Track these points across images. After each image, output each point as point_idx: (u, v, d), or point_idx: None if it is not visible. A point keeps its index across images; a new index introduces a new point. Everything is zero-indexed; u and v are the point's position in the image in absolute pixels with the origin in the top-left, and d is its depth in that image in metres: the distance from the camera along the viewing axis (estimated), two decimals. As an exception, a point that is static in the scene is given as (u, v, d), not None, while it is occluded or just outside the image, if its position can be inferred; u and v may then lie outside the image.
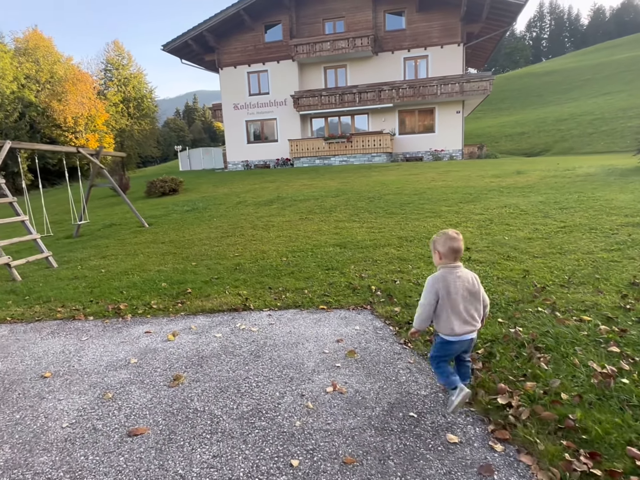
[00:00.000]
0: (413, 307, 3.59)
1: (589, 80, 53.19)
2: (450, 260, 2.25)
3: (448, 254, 2.25)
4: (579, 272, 4.01)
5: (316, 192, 11.04)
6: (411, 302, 3.68)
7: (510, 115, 48.01)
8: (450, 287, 2.20)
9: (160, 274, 5.41)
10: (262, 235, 7.08)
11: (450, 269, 2.24)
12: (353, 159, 22.68)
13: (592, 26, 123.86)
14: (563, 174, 11.23)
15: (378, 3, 23.23)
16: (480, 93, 22.25)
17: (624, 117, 32.81)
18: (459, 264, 2.27)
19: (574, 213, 6.40)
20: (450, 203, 8.17)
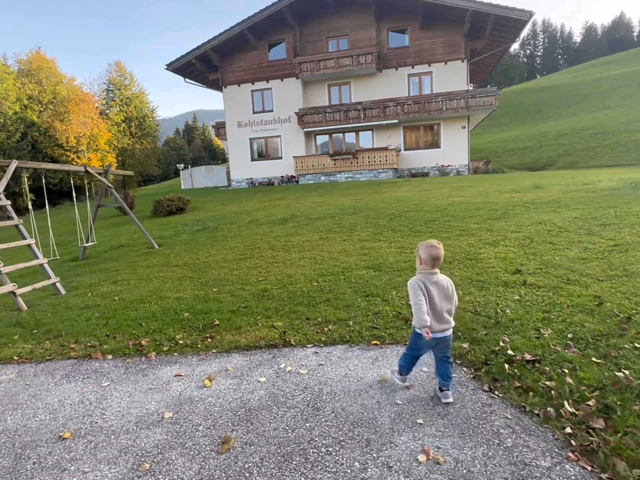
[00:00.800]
0: (483, 342, 3.13)
1: (587, 96, 53.66)
2: (429, 267, 2.53)
3: (427, 260, 2.52)
4: (658, 298, 3.57)
5: (331, 210, 10.65)
6: (479, 337, 3.22)
7: (510, 131, 48.20)
8: (428, 292, 2.48)
9: (180, 302, 4.95)
10: (283, 257, 6.63)
11: (427, 275, 2.53)
12: (359, 175, 22.42)
13: (584, 43, 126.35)
14: (584, 188, 10.88)
15: (381, 21, 23.33)
16: (486, 108, 22.16)
17: (627, 131, 32.81)
18: (437, 270, 2.55)
19: (620, 230, 5.99)
20: (478, 220, 7.77)
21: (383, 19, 23.22)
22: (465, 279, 4.62)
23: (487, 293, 4.14)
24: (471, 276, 4.68)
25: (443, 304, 2.51)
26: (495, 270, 4.79)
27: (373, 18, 23.19)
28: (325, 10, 23.42)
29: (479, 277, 4.60)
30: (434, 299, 2.47)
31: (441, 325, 2.49)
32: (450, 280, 2.61)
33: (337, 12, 23.50)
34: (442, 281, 2.54)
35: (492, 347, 3.04)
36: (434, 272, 2.53)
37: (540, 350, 2.89)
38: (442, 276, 2.58)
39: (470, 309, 3.79)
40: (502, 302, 3.87)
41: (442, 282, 2.53)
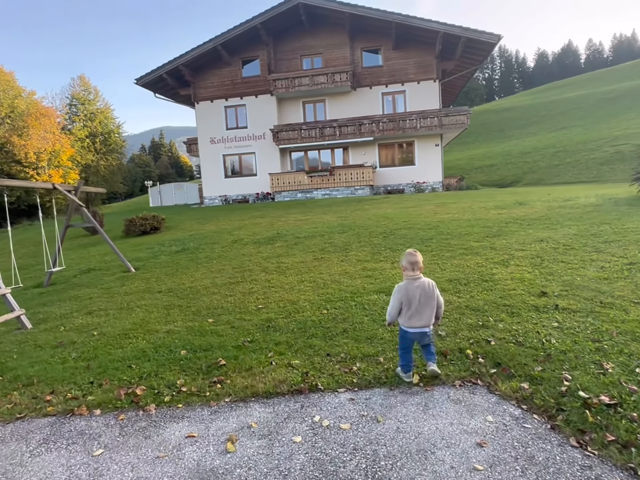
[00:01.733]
0: (544, 381, 2.76)
1: (545, 116, 56.56)
2: (410, 271, 2.94)
3: (407, 265, 2.95)
4: None
5: (318, 228, 10.23)
6: (536, 374, 2.84)
7: (476, 149, 49.90)
8: (410, 294, 2.91)
9: (172, 336, 4.34)
10: (280, 281, 6.12)
11: (411, 280, 2.94)
12: (336, 192, 22.23)
13: (537, 68, 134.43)
14: (566, 204, 11.01)
15: (355, 41, 23.60)
16: (458, 127, 22.64)
17: (585, 150, 34.51)
18: (419, 274, 2.95)
19: (626, 247, 5.88)
20: (476, 237, 7.56)
21: (357, 38, 23.49)
22: (491, 303, 4.28)
23: (521, 319, 3.81)
24: (495, 300, 4.35)
25: (425, 304, 2.90)
26: (518, 293, 4.49)
27: (347, 37, 23.42)
28: (300, 29, 23.46)
29: (505, 301, 4.27)
30: (415, 300, 2.90)
31: (420, 322, 2.91)
32: (432, 282, 2.98)
33: (311, 31, 23.60)
34: (424, 283, 2.93)
35: (557, 386, 2.67)
36: (416, 277, 2.94)
37: (615, 391, 2.54)
38: (424, 279, 2.96)
39: (511, 340, 3.42)
40: (542, 330, 3.54)
41: (424, 285, 2.92)
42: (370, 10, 21.39)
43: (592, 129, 41.83)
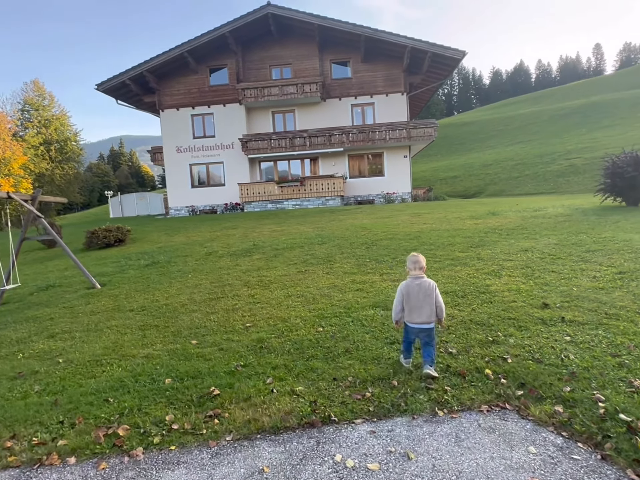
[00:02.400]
0: (578, 403, 2.57)
1: (502, 131, 59.14)
2: (412, 271, 3.26)
3: (410, 265, 3.28)
4: None
5: (296, 239, 9.91)
6: (566, 395, 2.66)
7: (439, 161, 51.34)
8: (410, 292, 3.21)
9: (152, 362, 3.88)
10: (265, 296, 5.75)
11: (413, 279, 3.24)
12: (307, 202, 22.01)
13: (492, 85, 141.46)
14: (537, 214, 11.28)
15: (324, 52, 23.69)
16: (426, 139, 23.12)
17: (542, 163, 36.19)
18: (421, 274, 3.25)
19: (610, 256, 5.95)
20: (460, 248, 7.50)
21: (326, 50, 23.59)
22: (495, 317, 4.11)
23: (531, 334, 3.65)
24: (499, 313, 4.19)
25: (424, 302, 3.18)
26: (520, 305, 4.36)
27: (316, 49, 23.48)
28: (269, 39, 23.30)
29: (509, 314, 4.12)
30: (415, 297, 3.20)
31: (420, 319, 3.18)
32: (433, 284, 3.26)
33: (280, 41, 23.49)
34: (424, 283, 3.23)
35: (593, 409, 2.49)
36: (418, 276, 3.25)
37: (656, 411, 2.38)
38: (426, 279, 3.26)
39: (528, 356, 3.24)
40: (556, 345, 3.39)
41: (424, 284, 3.22)
42: (339, 22, 21.56)
43: (547, 143, 44.06)
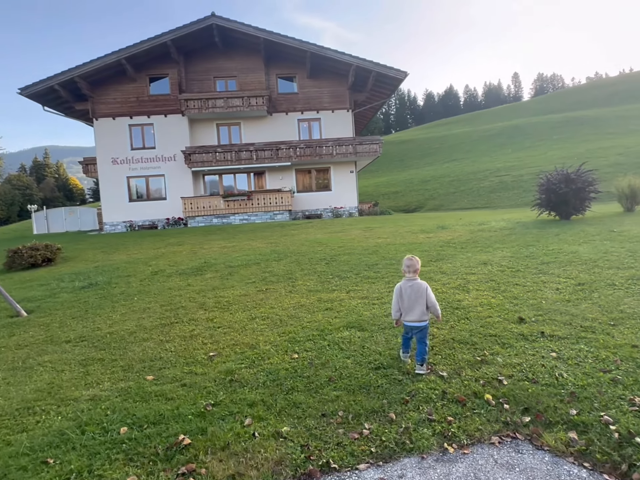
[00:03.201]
0: (590, 428, 2.44)
1: (438, 149, 62.54)
2: (407, 273, 3.53)
3: (405, 268, 3.55)
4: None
5: (250, 256, 9.43)
6: (575, 419, 2.52)
7: (380, 177, 53.02)
8: (403, 293, 3.50)
9: (100, 406, 3.27)
10: (225, 319, 5.25)
11: (407, 281, 3.52)
12: (254, 217, 21.49)
13: (426, 107, 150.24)
14: (483, 227, 11.75)
15: (270, 67, 23.58)
16: (371, 155, 23.63)
17: (475, 179, 38.53)
18: (414, 276, 3.52)
19: (564, 267, 6.19)
20: (421, 262, 7.46)
21: (272, 64, 23.50)
22: (476, 334, 4.00)
23: (517, 351, 3.56)
24: (479, 330, 4.08)
25: (415, 302, 3.44)
26: (496, 320, 4.30)
27: (262, 63, 23.31)
28: (213, 50, 22.77)
29: (489, 331, 4.03)
30: (407, 298, 3.47)
31: (410, 317, 3.46)
32: (425, 285, 3.49)
33: (225, 53, 23.04)
34: (416, 285, 3.48)
35: (606, 433, 2.37)
36: (412, 278, 3.52)
37: (669, 432, 2.31)
38: (418, 282, 3.51)
39: (522, 377, 3.12)
40: (545, 362, 3.31)
41: (415, 286, 3.48)
42: (286, 38, 21.59)
43: (478, 161, 47.16)
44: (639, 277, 5.37)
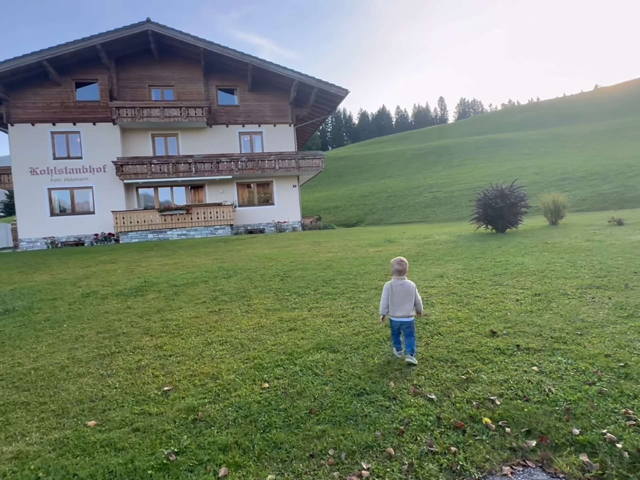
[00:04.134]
0: (599, 449, 2.33)
1: (374, 165, 64.73)
2: (396, 274, 3.84)
3: (393, 270, 3.87)
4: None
5: (195, 273, 8.77)
6: (582, 439, 2.41)
7: (320, 192, 53.60)
8: (393, 290, 3.80)
9: (28, 466, 2.62)
10: (177, 345, 4.67)
11: (397, 280, 3.83)
12: (194, 232, 20.47)
13: (360, 125, 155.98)
14: (429, 241, 12.07)
15: (209, 78, 22.95)
16: (314, 169, 23.69)
17: (410, 195, 40.24)
18: (402, 277, 3.82)
19: (516, 278, 6.39)
20: (378, 276, 7.38)
21: (212, 75, 22.89)
22: (453, 350, 3.86)
23: (499, 367, 3.46)
24: (455, 346, 3.96)
25: (404, 299, 3.75)
26: (469, 335, 4.22)
27: (201, 73, 22.64)
28: (149, 57, 21.69)
29: (465, 346, 3.92)
30: (397, 296, 3.77)
31: (399, 313, 3.75)
32: (413, 284, 3.82)
33: (162, 61, 22.06)
34: (406, 284, 3.80)
35: (615, 453, 2.27)
36: (400, 278, 3.83)
37: (674, 446, 2.26)
38: (407, 281, 3.82)
39: (512, 395, 2.99)
40: (530, 377, 3.23)
41: (405, 285, 3.79)
42: (227, 49, 21.16)
43: (412, 178, 49.44)
44: (587, 286, 5.66)
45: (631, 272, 6.15)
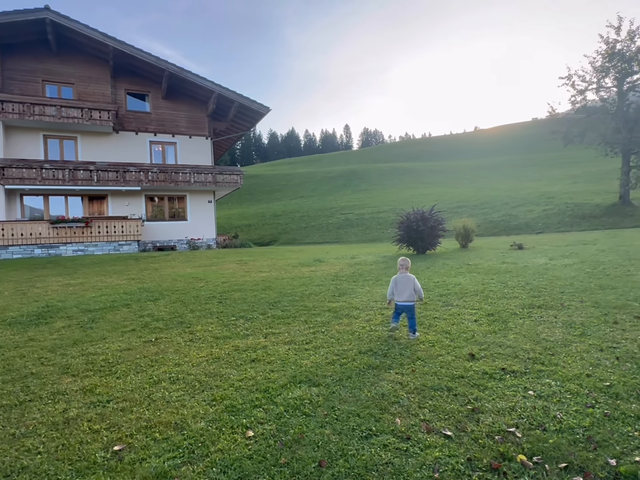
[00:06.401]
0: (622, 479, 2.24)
1: (285, 185, 65.18)
2: (401, 269, 5.02)
3: (400, 266, 5.05)
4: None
5: (111, 296, 7.53)
6: (621, 470, 2.31)
7: (232, 209, 52.17)
8: (398, 282, 4.97)
9: None
10: (115, 387, 3.76)
11: (401, 274, 4.99)
12: (94, 247, 18.16)
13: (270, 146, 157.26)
14: (357, 261, 12.15)
15: (118, 80, 21.07)
16: (232, 185, 22.87)
17: (323, 216, 41.06)
18: (405, 271, 5.00)
19: (462, 298, 6.56)
20: (325, 297, 7.04)
21: (121, 78, 21.03)
22: (443, 377, 3.66)
23: (497, 394, 3.33)
24: (442, 372, 3.76)
25: (405, 288, 4.89)
26: (450, 359, 4.08)
27: (109, 74, 20.68)
28: (45, 49, 19.17)
29: (453, 372, 3.75)
30: (399, 285, 4.94)
31: (402, 298, 4.88)
32: (412, 277, 4.98)
33: (61, 56, 19.66)
34: (407, 276, 4.96)
35: (659, 482, 2.20)
36: (403, 273, 4.99)
37: None
38: (409, 274, 5.00)
39: (528, 425, 2.84)
40: (534, 403, 3.14)
41: (407, 277, 4.95)
42: (142, 52, 19.63)
43: (324, 199, 50.68)
44: (529, 305, 5.99)
45: (558, 292, 6.71)
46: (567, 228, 24.37)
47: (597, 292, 6.57)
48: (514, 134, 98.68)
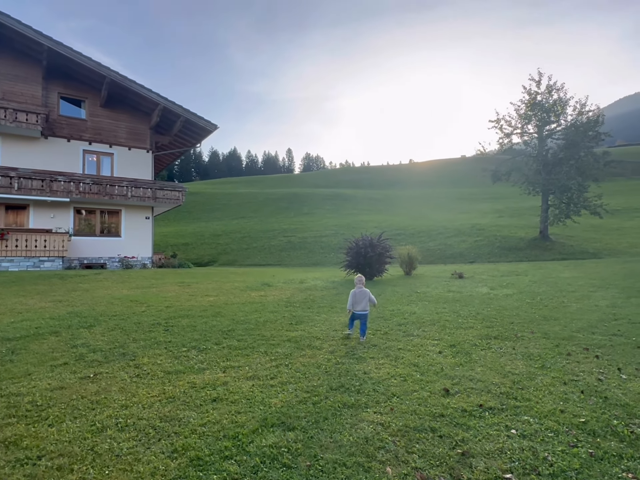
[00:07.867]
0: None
1: (226, 205, 63.81)
2: (357, 284, 6.14)
3: (356, 282, 6.17)
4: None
5: (35, 321, 6.56)
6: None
7: (168, 227, 49.78)
8: (357, 295, 6.00)
9: None
10: (46, 438, 3.12)
11: (358, 288, 6.07)
12: (9, 263, 16.22)
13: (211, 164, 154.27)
14: (306, 286, 11.92)
15: (51, 82, 19.51)
16: (172, 202, 21.86)
17: (265, 238, 40.50)
18: (361, 286, 6.10)
19: (422, 328, 6.54)
20: (284, 325, 6.68)
21: (55, 80, 19.49)
22: (424, 416, 3.49)
23: (481, 434, 3.21)
24: (421, 410, 3.59)
25: (362, 300, 5.97)
26: (426, 395, 3.94)
27: (40, 74, 19.07)
28: (-34, 39, 17.23)
29: (433, 410, 3.60)
30: (358, 298, 5.99)
31: (359, 308, 5.95)
32: (367, 291, 6.11)
33: (-16, 49, 17.75)
34: (363, 290, 6.06)
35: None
36: (360, 287, 6.09)
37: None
38: (364, 289, 6.10)
39: (523, 469, 2.72)
40: (519, 444, 3.05)
41: (363, 291, 6.05)
42: (81, 56, 18.38)
43: (266, 221, 50.17)
44: (485, 336, 6.11)
45: (508, 322, 6.95)
46: (496, 258, 26.14)
47: (543, 323, 6.90)
48: (445, 169, 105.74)
